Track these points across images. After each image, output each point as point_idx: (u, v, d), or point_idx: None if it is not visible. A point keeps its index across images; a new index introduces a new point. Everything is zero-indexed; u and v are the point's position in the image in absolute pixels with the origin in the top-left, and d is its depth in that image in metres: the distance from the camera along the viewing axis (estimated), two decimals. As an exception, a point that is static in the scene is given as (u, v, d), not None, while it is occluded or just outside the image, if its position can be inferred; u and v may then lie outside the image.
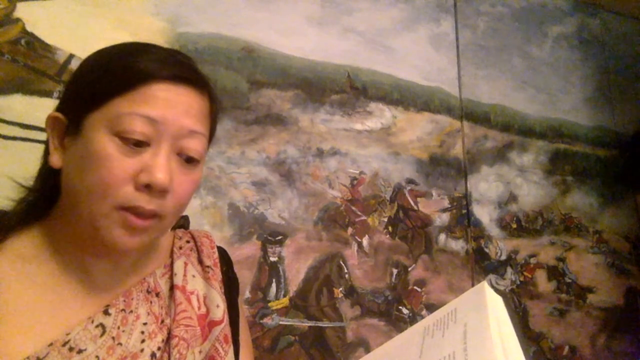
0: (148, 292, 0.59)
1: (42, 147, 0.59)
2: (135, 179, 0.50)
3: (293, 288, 1.20)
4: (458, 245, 1.46)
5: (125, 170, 0.50)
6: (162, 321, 0.58)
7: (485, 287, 0.53)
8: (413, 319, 1.33)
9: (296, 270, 1.22)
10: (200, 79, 0.57)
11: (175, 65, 0.55)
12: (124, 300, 0.56)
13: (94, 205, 0.50)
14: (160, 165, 0.50)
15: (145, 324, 0.56)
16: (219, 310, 0.61)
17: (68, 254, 0.54)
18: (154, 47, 0.57)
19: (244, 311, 0.93)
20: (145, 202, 0.50)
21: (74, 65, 1.01)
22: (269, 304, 1.16)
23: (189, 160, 0.55)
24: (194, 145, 0.54)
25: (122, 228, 0.51)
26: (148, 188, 0.50)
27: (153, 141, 0.51)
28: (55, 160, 0.54)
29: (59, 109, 0.56)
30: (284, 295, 1.19)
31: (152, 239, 0.56)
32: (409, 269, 1.37)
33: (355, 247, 1.31)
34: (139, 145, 0.50)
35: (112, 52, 0.56)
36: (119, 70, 0.52)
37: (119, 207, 0.50)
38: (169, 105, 0.52)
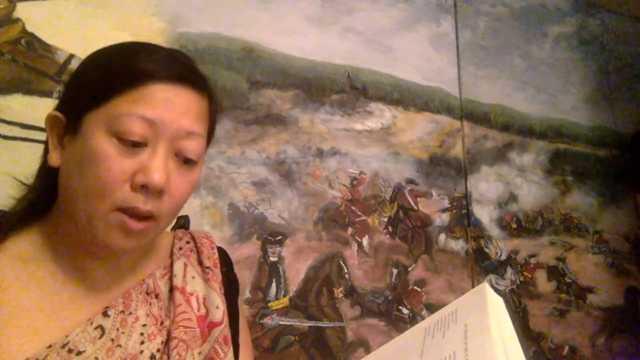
0: (147, 293, 0.59)
1: (42, 147, 0.59)
2: (132, 179, 0.50)
3: (293, 288, 1.20)
4: (458, 245, 1.46)
5: (123, 171, 0.50)
6: (162, 323, 0.58)
7: (486, 287, 0.53)
8: (413, 319, 1.33)
9: (296, 270, 1.22)
10: (200, 80, 0.57)
11: (174, 65, 0.55)
12: (123, 302, 0.56)
13: (90, 205, 0.50)
14: (157, 166, 0.50)
15: (144, 325, 0.56)
16: (219, 311, 0.61)
17: (67, 254, 0.54)
18: (153, 47, 0.57)
19: (244, 312, 0.93)
20: (142, 202, 0.50)
21: (74, 65, 1.01)
22: (269, 304, 1.16)
23: (187, 162, 0.55)
24: (191, 147, 0.54)
25: (119, 230, 0.51)
26: (144, 188, 0.50)
27: (151, 142, 0.51)
28: (54, 159, 0.54)
29: (58, 108, 0.56)
30: (284, 295, 1.19)
31: (148, 240, 0.56)
32: (409, 269, 1.37)
33: (355, 247, 1.31)
34: (137, 145, 0.50)
35: (112, 52, 0.56)
36: (118, 70, 0.52)
37: (116, 208, 0.50)
38: (167, 106, 0.52)
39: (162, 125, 0.51)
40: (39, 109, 1.00)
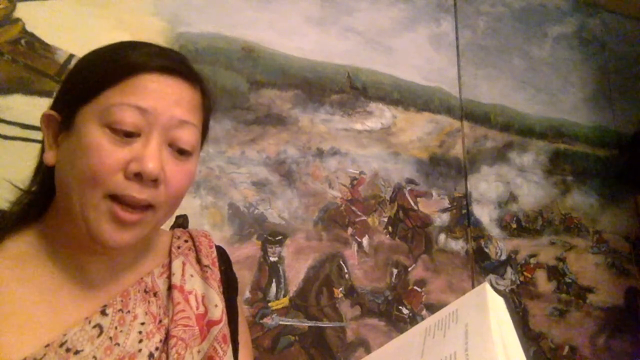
0: (146, 291, 0.59)
1: (42, 147, 0.59)
2: (125, 168, 0.50)
3: (293, 288, 1.20)
4: (458, 245, 1.46)
5: (116, 160, 0.50)
6: (160, 321, 0.58)
7: (486, 287, 0.53)
8: (413, 319, 1.33)
9: (296, 270, 1.22)
10: (191, 72, 0.58)
11: (165, 57, 0.55)
12: (122, 300, 0.56)
13: (84, 196, 0.50)
14: (150, 155, 0.51)
15: (142, 324, 0.56)
16: (217, 309, 0.61)
17: (65, 253, 0.54)
18: (145, 43, 0.58)
19: (244, 311, 0.93)
20: (137, 191, 0.50)
21: (74, 65, 1.01)
22: (269, 304, 1.16)
23: (181, 152, 0.55)
24: (185, 136, 0.54)
25: (111, 221, 0.50)
26: (139, 177, 0.50)
27: (144, 131, 0.51)
28: (50, 158, 0.54)
29: (52, 106, 0.56)
30: (284, 295, 1.19)
31: (145, 234, 0.55)
32: (409, 269, 1.37)
33: (355, 247, 1.31)
34: (130, 135, 0.51)
35: (104, 49, 0.57)
36: (110, 64, 0.53)
37: (109, 194, 0.50)
38: (159, 95, 0.52)
39: (155, 114, 0.51)
40: (39, 109, 0.98)
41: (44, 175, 0.57)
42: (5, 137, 0.97)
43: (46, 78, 1.03)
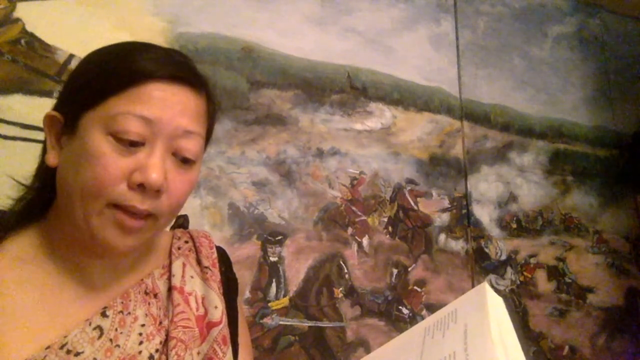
0: (146, 293, 0.59)
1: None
2: (129, 178, 0.50)
3: (293, 288, 1.20)
4: (458, 245, 1.46)
5: (120, 169, 0.50)
6: (160, 323, 0.58)
7: (486, 287, 0.53)
8: (413, 319, 1.33)
9: (296, 270, 1.22)
10: (198, 79, 0.57)
11: (172, 64, 0.55)
12: (122, 302, 0.56)
13: (87, 203, 0.50)
14: (154, 165, 0.50)
15: (143, 325, 0.56)
16: (217, 311, 0.61)
17: (65, 255, 0.54)
18: (151, 47, 0.57)
19: (244, 311, 0.93)
20: (139, 202, 0.50)
21: (74, 65, 1.00)
22: (269, 304, 1.16)
23: (185, 161, 0.55)
24: (189, 146, 0.54)
25: (115, 227, 0.50)
26: (142, 188, 0.50)
27: (148, 141, 0.51)
28: (52, 159, 0.54)
29: (56, 107, 0.56)
30: (284, 295, 1.19)
31: (147, 239, 0.55)
32: (409, 269, 1.37)
33: (355, 247, 1.31)
34: (134, 145, 0.50)
35: (110, 51, 0.56)
36: (116, 70, 0.52)
37: (112, 203, 0.50)
38: (164, 105, 0.52)
39: (159, 124, 0.51)
40: (39, 109, 1.00)
41: (46, 175, 0.57)
42: (5, 137, 0.97)
43: (46, 78, 1.03)
